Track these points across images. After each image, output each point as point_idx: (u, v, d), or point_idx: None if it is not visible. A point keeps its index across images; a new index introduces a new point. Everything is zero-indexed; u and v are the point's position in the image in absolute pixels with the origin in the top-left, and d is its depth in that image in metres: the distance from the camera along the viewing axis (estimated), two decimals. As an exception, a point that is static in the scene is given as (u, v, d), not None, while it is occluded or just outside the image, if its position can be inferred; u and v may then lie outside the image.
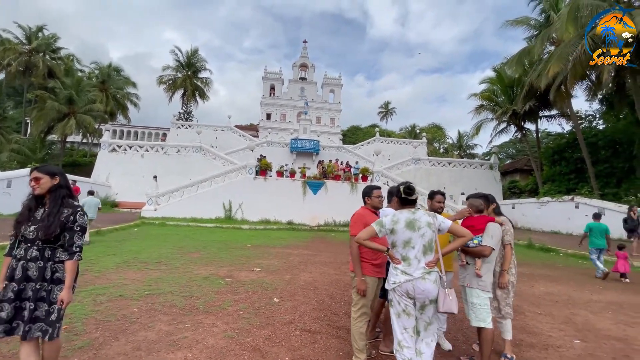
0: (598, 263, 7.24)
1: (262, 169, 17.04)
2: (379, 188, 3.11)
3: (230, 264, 6.76)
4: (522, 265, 8.45)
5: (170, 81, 37.13)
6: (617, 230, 10.99)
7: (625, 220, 10.61)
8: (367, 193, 3.08)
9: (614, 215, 12.61)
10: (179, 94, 38.06)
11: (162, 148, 22.32)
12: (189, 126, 30.88)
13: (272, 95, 44.23)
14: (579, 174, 18.78)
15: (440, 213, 3.19)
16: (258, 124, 44.98)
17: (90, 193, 9.55)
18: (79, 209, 2.20)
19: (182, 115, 37.96)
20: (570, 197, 16.20)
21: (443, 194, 3.35)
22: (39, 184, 2.17)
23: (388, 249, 2.47)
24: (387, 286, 2.46)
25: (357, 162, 21.82)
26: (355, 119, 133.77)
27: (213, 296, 4.53)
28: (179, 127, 30.61)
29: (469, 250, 2.93)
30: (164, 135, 39.13)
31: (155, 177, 16.28)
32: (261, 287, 5.11)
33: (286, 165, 21.33)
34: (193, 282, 5.16)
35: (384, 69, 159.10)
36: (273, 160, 20.20)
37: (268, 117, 43.36)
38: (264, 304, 4.35)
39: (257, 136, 39.18)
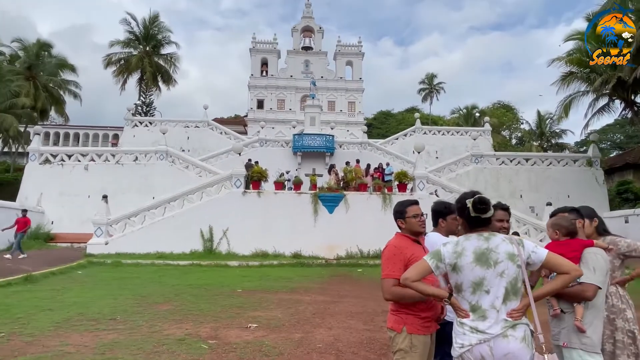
0: None
1: (255, 180, 17.18)
2: (415, 203, 3.06)
3: (214, 318, 6.78)
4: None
5: (122, 61, 38.08)
6: None
7: None
8: (400, 213, 3.03)
9: None
10: (134, 79, 38.99)
11: (114, 156, 22.80)
12: (150, 123, 31.52)
13: (264, 74, 45.00)
14: None
15: None
16: (246, 116, 45.67)
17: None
18: None
19: (139, 108, 38.80)
20: None
21: (507, 209, 3.31)
22: None
23: (451, 294, 2.43)
24: (452, 352, 2.41)
25: (387, 164, 21.75)
26: (384, 102, 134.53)
27: (192, 367, 4.55)
28: (135, 125, 31.32)
29: (563, 293, 2.85)
30: (116, 137, 40.13)
31: (105, 197, 16.59)
32: (260, 352, 5.10)
33: (288, 172, 21.42)
34: (163, 347, 5.20)
35: (420, 28, 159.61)
36: (269, 165, 20.27)
37: (260, 105, 44.01)
38: (265, 377, 4.34)
39: (245, 133, 39.72)
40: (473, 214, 2.41)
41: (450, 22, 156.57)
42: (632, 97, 22.12)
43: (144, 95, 39.60)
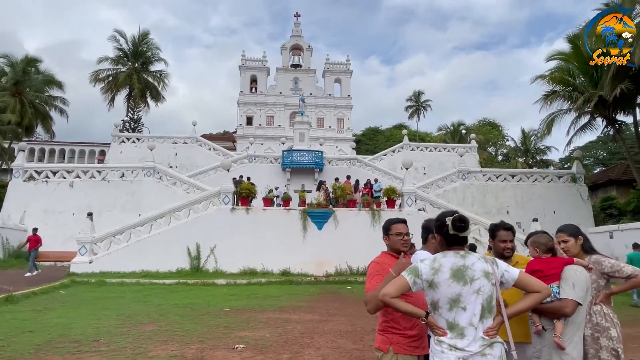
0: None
1: (243, 196, 17.17)
2: (402, 222, 3.10)
3: (200, 339, 6.69)
4: (629, 323, 8.23)
5: (110, 78, 38.12)
6: None
7: None
8: (385, 230, 3.10)
9: None
10: (122, 96, 39.00)
11: (100, 172, 22.61)
12: (138, 139, 31.39)
13: (253, 90, 45.32)
14: (703, 184, 18.60)
15: (509, 257, 3.16)
16: (235, 132, 45.74)
17: None
18: None
19: (127, 124, 38.66)
20: (694, 218, 15.96)
21: (511, 229, 3.28)
22: None
23: (427, 313, 2.43)
24: None
25: (376, 180, 21.91)
26: (372, 119, 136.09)
27: (177, 390, 4.46)
28: (123, 142, 31.14)
29: (543, 309, 2.89)
30: (103, 154, 39.81)
31: (90, 214, 16.44)
32: (247, 374, 5.02)
33: (277, 188, 21.41)
34: (147, 370, 5.08)
35: (407, 47, 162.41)
36: (258, 182, 20.27)
37: (249, 121, 44.18)
38: (251, 399, 4.27)
39: (234, 149, 39.72)
40: (451, 232, 2.44)
41: (436, 41, 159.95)
42: (614, 115, 22.71)
43: (132, 112, 39.55)
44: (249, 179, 20.28)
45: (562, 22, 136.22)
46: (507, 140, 51.00)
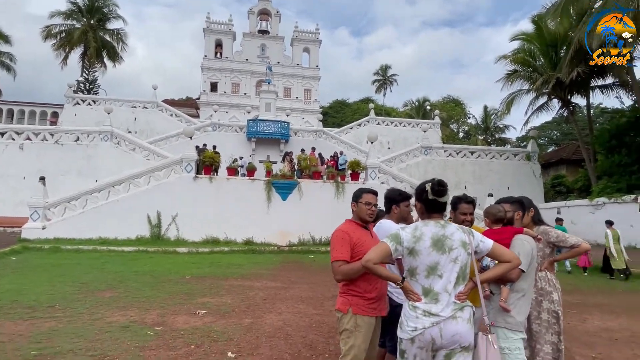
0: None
1: (206, 165, 16.90)
2: (373, 192, 3.17)
3: (161, 305, 6.67)
4: (571, 292, 8.91)
5: (63, 34, 35.80)
6: None
7: None
8: (356, 197, 3.15)
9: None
10: (76, 54, 36.91)
11: (53, 135, 21.50)
12: (94, 102, 29.95)
13: (218, 56, 43.81)
14: (644, 166, 19.95)
15: None
16: (198, 99, 44.37)
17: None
18: None
19: (82, 85, 36.81)
20: (633, 196, 17.23)
21: (472, 202, 3.40)
22: None
23: (403, 278, 2.52)
24: (401, 334, 2.48)
25: (342, 153, 22.09)
26: (340, 91, 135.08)
27: (137, 354, 4.46)
28: (77, 104, 29.59)
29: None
30: (55, 115, 37.76)
31: (42, 178, 15.73)
32: (209, 338, 5.09)
33: (241, 158, 21.21)
34: (106, 335, 5.05)
35: (376, 20, 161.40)
36: (222, 151, 20.02)
37: (213, 87, 42.92)
38: (213, 361, 4.33)
39: (197, 116, 38.66)
40: (431, 197, 2.52)
41: (405, 15, 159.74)
42: (569, 97, 23.79)
43: (87, 72, 37.57)
44: (214, 147, 19.93)
45: (528, 3, 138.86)
46: (469, 118, 52.48)
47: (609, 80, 22.45)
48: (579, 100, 24.72)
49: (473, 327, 2.45)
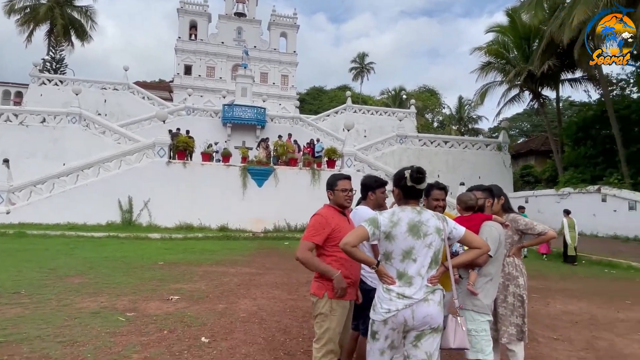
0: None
1: (180, 150, 16.64)
2: (347, 178, 3.24)
3: (132, 291, 6.59)
4: (536, 277, 9.31)
5: (28, 9, 34.14)
6: None
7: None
8: (330, 185, 3.21)
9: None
10: (42, 31, 35.23)
11: (17, 116, 20.59)
12: (61, 82, 28.77)
13: (193, 37, 42.73)
14: (608, 157, 20.85)
15: None
16: (172, 82, 43.31)
17: None
18: None
19: (48, 64, 35.35)
20: (597, 187, 17.99)
21: (444, 189, 3.49)
22: None
23: (378, 262, 2.58)
24: (374, 316, 2.55)
25: (318, 140, 22.08)
26: (317, 78, 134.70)
27: (108, 340, 4.40)
28: (43, 83, 28.37)
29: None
30: (19, 95, 36.03)
31: (6, 161, 15.22)
32: (182, 323, 5.07)
33: (216, 144, 20.93)
34: (75, 321, 4.96)
35: (354, 6, 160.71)
36: (197, 136, 19.67)
37: (187, 71, 41.94)
38: (186, 346, 4.32)
39: (171, 99, 37.76)
40: (409, 183, 2.58)
41: (383, 3, 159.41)
42: (539, 90, 24.45)
43: (53, 50, 36.04)
44: (187, 132, 19.57)
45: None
46: (444, 108, 53.22)
47: (578, 74, 23.17)
48: (549, 92, 25.48)
49: (443, 310, 2.55)
